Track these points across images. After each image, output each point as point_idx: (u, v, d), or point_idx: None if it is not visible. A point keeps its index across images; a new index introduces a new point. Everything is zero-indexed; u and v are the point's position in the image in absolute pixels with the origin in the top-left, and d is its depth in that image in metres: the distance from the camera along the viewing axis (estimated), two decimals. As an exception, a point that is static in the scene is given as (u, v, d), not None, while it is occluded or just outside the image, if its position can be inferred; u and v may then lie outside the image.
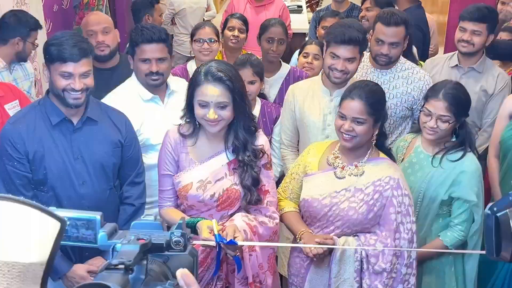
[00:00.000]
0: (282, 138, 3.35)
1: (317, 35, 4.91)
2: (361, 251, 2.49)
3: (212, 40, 3.91)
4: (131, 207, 2.75)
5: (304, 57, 4.06)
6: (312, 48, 4.04)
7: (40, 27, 3.85)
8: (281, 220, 2.67)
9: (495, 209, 1.32)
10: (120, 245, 1.04)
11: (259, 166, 2.50)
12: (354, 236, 2.55)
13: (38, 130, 2.53)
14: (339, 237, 2.54)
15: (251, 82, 3.28)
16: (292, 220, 2.68)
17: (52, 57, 2.46)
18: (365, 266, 2.50)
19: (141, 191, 2.80)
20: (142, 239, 1.05)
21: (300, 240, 2.57)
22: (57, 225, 0.91)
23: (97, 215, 1.08)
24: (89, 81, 2.52)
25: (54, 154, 2.54)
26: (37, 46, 3.78)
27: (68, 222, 1.02)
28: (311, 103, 3.18)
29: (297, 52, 4.45)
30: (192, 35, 3.99)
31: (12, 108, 3.21)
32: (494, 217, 1.30)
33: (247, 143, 2.46)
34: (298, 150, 3.30)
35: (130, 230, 1.10)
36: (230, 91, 2.36)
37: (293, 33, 6.01)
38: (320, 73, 3.25)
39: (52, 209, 0.93)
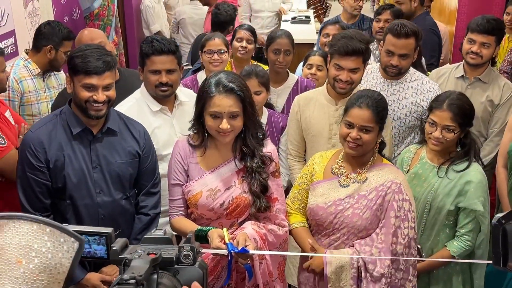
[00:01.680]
0: (288, 148, 3.37)
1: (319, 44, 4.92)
2: (358, 259, 2.50)
3: (222, 51, 3.94)
4: (146, 217, 2.79)
5: (308, 68, 4.09)
6: (315, 60, 4.07)
7: (73, 37, 3.91)
8: (291, 234, 2.70)
9: (502, 220, 1.33)
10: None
11: (267, 173, 2.52)
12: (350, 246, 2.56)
13: (59, 139, 2.57)
14: (343, 247, 2.56)
15: (257, 93, 3.30)
16: (301, 236, 2.69)
17: (77, 69, 2.50)
18: (363, 274, 2.50)
19: (157, 201, 2.84)
20: (153, 253, 1.07)
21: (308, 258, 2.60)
22: (75, 244, 0.94)
23: (108, 231, 1.11)
24: (112, 93, 2.57)
25: (73, 163, 2.58)
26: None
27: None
28: (317, 113, 3.20)
29: (301, 63, 4.48)
30: (202, 46, 4.02)
31: (8, 117, 3.24)
32: (502, 228, 1.32)
33: (255, 150, 2.49)
34: (305, 160, 3.31)
35: (141, 244, 1.12)
36: (241, 101, 2.40)
37: (302, 43, 6.02)
38: (325, 83, 3.27)
39: (65, 225, 0.95)
